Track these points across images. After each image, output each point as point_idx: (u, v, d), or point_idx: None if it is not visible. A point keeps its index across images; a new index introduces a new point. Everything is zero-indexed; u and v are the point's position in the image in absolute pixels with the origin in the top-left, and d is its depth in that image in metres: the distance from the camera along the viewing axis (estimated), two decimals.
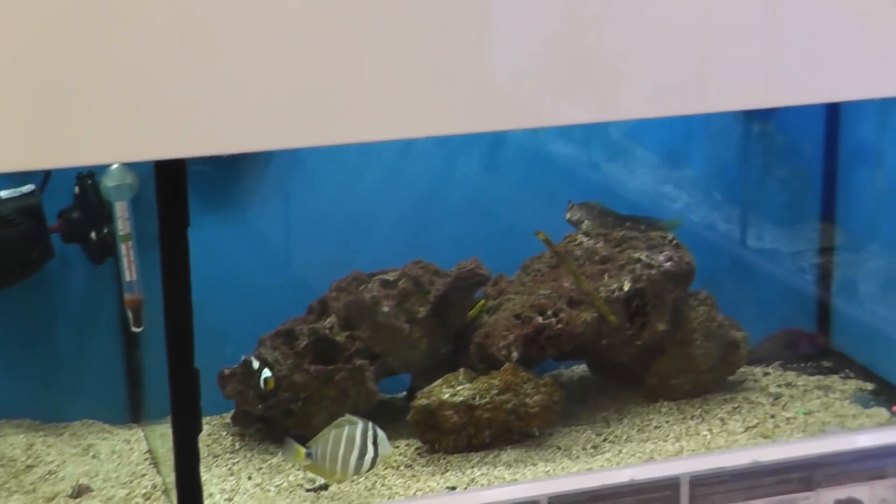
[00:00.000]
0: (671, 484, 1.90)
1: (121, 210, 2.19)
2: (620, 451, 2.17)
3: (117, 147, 1.50)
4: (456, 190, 2.50)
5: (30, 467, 2.18)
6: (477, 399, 2.17)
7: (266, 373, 2.18)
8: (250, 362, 2.21)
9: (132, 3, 1.45)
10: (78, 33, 1.44)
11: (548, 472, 2.09)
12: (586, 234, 2.41)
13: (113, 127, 1.48)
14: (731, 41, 1.70)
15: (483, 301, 2.34)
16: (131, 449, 2.26)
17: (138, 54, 1.46)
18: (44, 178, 2.23)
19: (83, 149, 1.49)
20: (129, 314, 2.21)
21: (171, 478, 1.80)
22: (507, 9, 1.61)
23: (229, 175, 2.37)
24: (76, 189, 2.24)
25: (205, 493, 1.78)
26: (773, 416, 2.28)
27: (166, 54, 1.47)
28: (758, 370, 2.50)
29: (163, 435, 2.01)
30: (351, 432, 2.01)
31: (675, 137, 2.61)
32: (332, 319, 2.27)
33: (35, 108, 1.44)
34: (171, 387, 1.68)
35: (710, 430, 2.24)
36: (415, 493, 2.05)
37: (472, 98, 1.62)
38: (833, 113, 2.62)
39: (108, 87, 1.46)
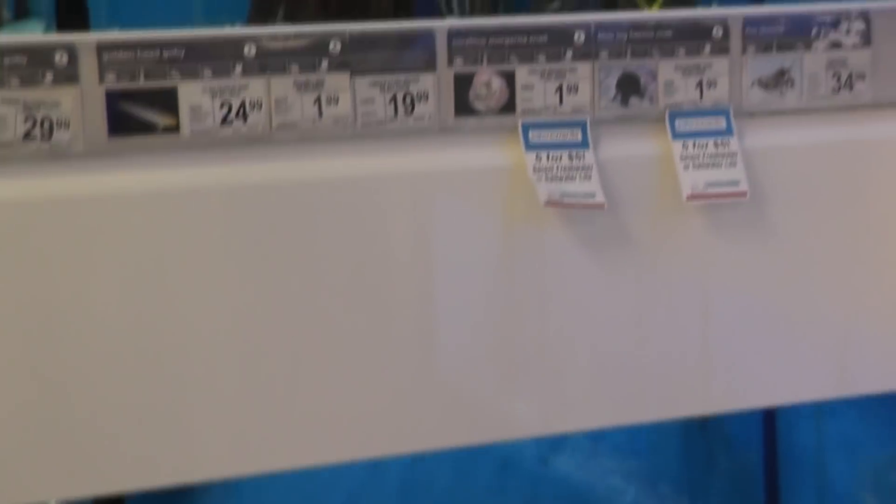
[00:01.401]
0: None
1: None
2: None
3: (55, 484, 1.49)
4: (407, 493, 2.49)
5: None
6: None
7: None
8: None
9: (65, 333, 1.41)
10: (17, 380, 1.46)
11: None
12: None
13: (51, 463, 1.47)
14: (667, 350, 1.74)
15: None
16: None
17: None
18: None
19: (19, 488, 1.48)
20: None
21: None
22: (447, 324, 1.64)
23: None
24: None
25: None
26: None
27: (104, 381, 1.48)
28: None
29: None
30: None
31: (620, 429, 2.63)
32: None
33: None
34: None
35: None
36: None
37: (414, 417, 1.62)
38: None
39: (40, 424, 1.45)
